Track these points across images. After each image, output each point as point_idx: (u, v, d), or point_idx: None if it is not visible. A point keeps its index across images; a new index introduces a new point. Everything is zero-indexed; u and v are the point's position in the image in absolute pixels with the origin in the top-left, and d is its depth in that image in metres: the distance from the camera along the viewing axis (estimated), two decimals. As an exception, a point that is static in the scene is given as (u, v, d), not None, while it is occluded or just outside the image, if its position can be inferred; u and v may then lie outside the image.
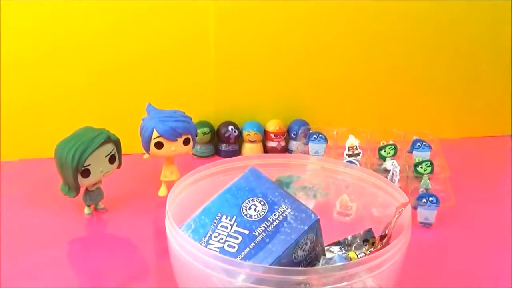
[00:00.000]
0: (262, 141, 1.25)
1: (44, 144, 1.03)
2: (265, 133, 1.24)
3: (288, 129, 1.25)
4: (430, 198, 0.93)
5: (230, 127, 1.21)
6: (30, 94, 1.14)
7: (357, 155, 1.08)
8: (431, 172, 1.04)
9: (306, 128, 1.20)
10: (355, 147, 1.09)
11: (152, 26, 1.15)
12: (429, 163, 1.05)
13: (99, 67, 1.15)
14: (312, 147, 1.14)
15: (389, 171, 1.01)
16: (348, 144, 1.09)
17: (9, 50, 1.10)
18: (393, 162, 1.02)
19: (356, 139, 1.10)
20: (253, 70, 1.23)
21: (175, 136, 0.98)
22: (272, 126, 1.23)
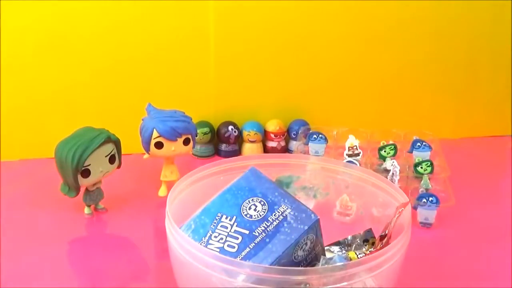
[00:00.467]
0: (262, 141, 1.25)
1: (44, 144, 1.03)
2: (265, 133, 1.24)
3: (288, 129, 1.25)
4: (430, 198, 0.93)
5: (230, 127, 1.21)
6: (30, 94, 1.14)
7: (357, 155, 1.08)
8: (431, 172, 1.04)
9: (306, 128, 1.20)
10: (355, 147, 1.09)
11: (152, 26, 1.15)
12: (429, 163, 1.05)
13: (99, 67, 1.15)
14: (312, 147, 1.14)
15: (389, 171, 1.01)
16: (348, 144, 1.09)
17: (9, 50, 1.10)
18: (393, 162, 1.02)
19: (356, 139, 1.10)
20: (253, 70, 1.23)
21: (175, 136, 0.98)
22: (272, 126, 1.23)
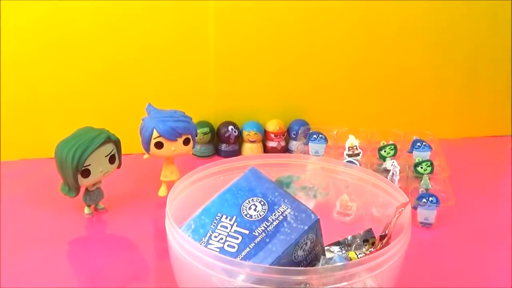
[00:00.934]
0: (262, 141, 1.25)
1: (44, 144, 1.04)
2: (265, 133, 1.24)
3: (288, 129, 1.25)
4: (430, 198, 0.93)
5: (230, 127, 1.21)
6: (30, 94, 1.14)
7: (357, 155, 1.08)
8: (431, 172, 1.04)
9: (306, 128, 1.20)
10: (355, 147, 1.09)
11: (152, 26, 1.15)
12: (429, 163, 1.05)
13: (99, 67, 1.15)
14: (312, 147, 1.14)
15: (389, 171, 1.01)
16: (348, 144, 1.09)
17: (9, 50, 1.10)
18: (393, 162, 1.02)
19: (356, 139, 1.10)
20: (253, 71, 1.23)
21: (175, 136, 0.98)
22: (272, 126, 1.23)
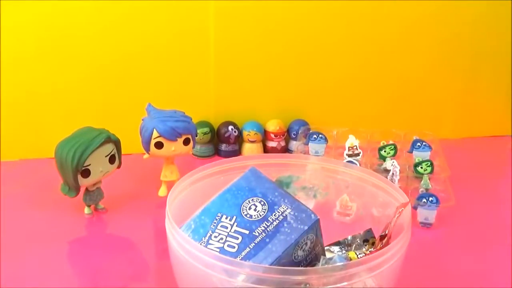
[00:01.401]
0: (262, 141, 1.25)
1: (44, 144, 1.04)
2: (265, 133, 1.24)
3: (288, 129, 1.25)
4: (430, 198, 0.93)
5: (230, 127, 1.21)
6: (30, 94, 1.14)
7: (357, 155, 1.08)
8: (431, 172, 1.04)
9: (306, 128, 1.20)
10: (355, 147, 1.09)
11: (152, 26, 1.15)
12: (429, 163, 1.05)
13: (99, 67, 1.15)
14: (312, 147, 1.14)
15: (389, 171, 1.01)
16: (348, 144, 1.09)
17: (9, 50, 1.10)
18: (393, 162, 1.02)
19: (356, 139, 1.10)
20: (253, 71, 1.23)
21: (175, 136, 0.98)
22: (272, 126, 1.23)
